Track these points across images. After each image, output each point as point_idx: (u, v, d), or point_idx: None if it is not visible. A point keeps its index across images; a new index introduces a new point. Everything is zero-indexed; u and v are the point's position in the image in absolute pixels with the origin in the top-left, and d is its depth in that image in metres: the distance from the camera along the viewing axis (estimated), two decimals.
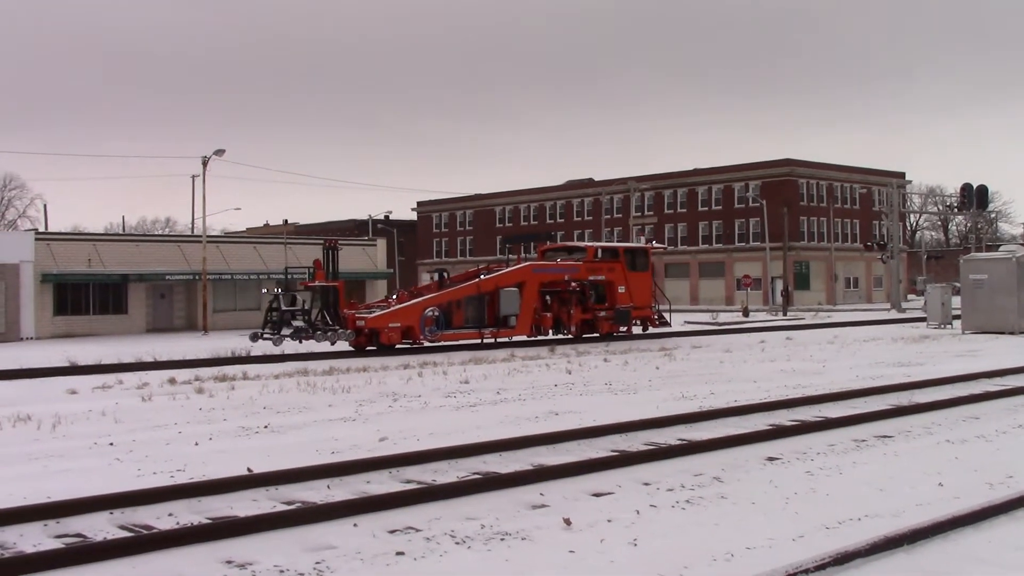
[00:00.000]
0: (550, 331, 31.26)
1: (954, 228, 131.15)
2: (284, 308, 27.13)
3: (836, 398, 14.97)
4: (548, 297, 31.37)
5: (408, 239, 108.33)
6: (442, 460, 10.11)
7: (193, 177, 52.20)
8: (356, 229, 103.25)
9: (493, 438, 11.24)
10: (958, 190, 63.15)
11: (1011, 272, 33.40)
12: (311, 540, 7.12)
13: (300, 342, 27.23)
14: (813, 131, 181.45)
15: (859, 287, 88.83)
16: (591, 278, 32.29)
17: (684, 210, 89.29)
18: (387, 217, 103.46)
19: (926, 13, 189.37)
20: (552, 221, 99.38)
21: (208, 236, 48.86)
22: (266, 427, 12.96)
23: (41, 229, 71.47)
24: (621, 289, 32.86)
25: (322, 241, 30.73)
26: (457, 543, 7.06)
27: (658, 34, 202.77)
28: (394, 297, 30.33)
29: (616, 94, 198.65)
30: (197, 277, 46.01)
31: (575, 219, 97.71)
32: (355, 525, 7.55)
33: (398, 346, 27.75)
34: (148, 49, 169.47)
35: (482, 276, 30.44)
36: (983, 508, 7.65)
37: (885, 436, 11.68)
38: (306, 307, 27.34)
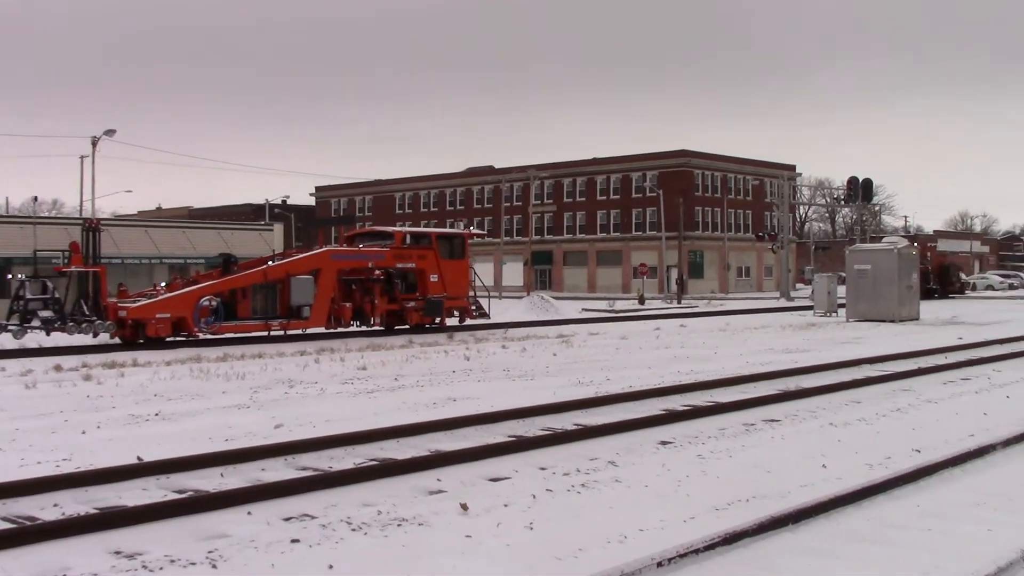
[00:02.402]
0: (351, 323, 29.03)
1: (841, 220, 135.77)
2: (30, 296, 24.02)
3: (727, 383, 15.36)
4: (353, 286, 29.22)
5: (307, 224, 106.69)
6: (338, 447, 10.04)
7: (82, 158, 50.50)
8: (253, 213, 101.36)
9: (390, 424, 11.21)
10: (845, 183, 65.31)
11: (893, 263, 34.78)
12: (204, 529, 7.00)
13: (48, 334, 24.25)
14: (710, 124, 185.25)
15: (750, 276, 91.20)
16: (399, 266, 30.24)
17: (583, 199, 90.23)
18: (284, 202, 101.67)
19: (818, 15, 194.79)
20: (452, 208, 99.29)
21: (98, 219, 47.32)
22: (157, 415, 12.66)
23: None
24: (434, 278, 30.87)
25: (219, 225, 29.49)
26: (353, 529, 7.03)
27: (560, 25, 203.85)
28: (162, 285, 27.19)
29: (518, 83, 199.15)
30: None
31: (475, 206, 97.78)
32: (249, 513, 7.45)
33: (169, 339, 24.95)
34: (37, 26, 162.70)
35: (271, 262, 27.99)
36: (863, 488, 7.98)
37: (773, 420, 12.05)
38: (56, 295, 24.33)
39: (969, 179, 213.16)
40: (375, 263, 29.61)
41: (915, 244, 43.73)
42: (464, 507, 7.57)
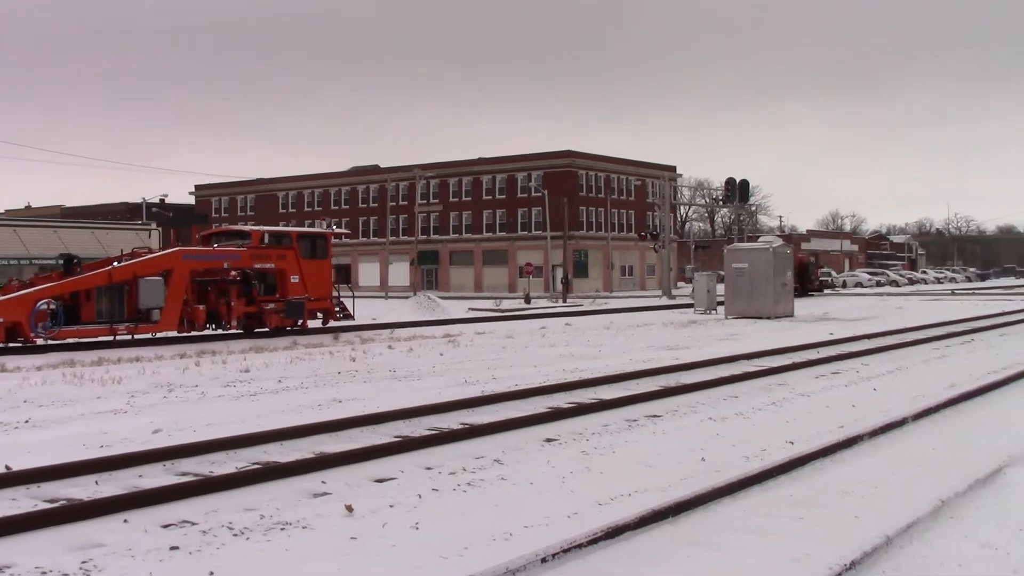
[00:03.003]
0: (205, 326, 27.73)
1: (720, 220, 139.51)
2: None
3: (611, 381, 15.63)
4: (208, 288, 27.99)
5: (177, 223, 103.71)
6: (220, 451, 9.84)
7: None
8: (129, 213, 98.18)
9: (274, 427, 11.04)
10: (723, 184, 67.14)
11: (768, 261, 35.94)
12: (77, 539, 6.77)
13: None
14: (593, 125, 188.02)
15: (634, 275, 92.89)
16: (257, 266, 29.01)
17: (469, 199, 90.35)
18: (162, 201, 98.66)
19: (697, 21, 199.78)
20: (337, 207, 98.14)
21: None
22: (27, 422, 12.16)
23: None
24: (295, 279, 29.74)
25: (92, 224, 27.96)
26: (235, 535, 6.91)
27: (445, 25, 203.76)
28: None
29: (404, 83, 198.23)
30: None
31: (360, 206, 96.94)
32: (125, 521, 7.24)
33: (5, 345, 23.16)
34: None
35: (116, 263, 26.03)
36: (739, 480, 8.24)
37: (655, 416, 12.32)
38: None
39: (840, 180, 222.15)
40: (231, 263, 28.40)
41: (790, 244, 45.20)
42: (349, 509, 7.52)
